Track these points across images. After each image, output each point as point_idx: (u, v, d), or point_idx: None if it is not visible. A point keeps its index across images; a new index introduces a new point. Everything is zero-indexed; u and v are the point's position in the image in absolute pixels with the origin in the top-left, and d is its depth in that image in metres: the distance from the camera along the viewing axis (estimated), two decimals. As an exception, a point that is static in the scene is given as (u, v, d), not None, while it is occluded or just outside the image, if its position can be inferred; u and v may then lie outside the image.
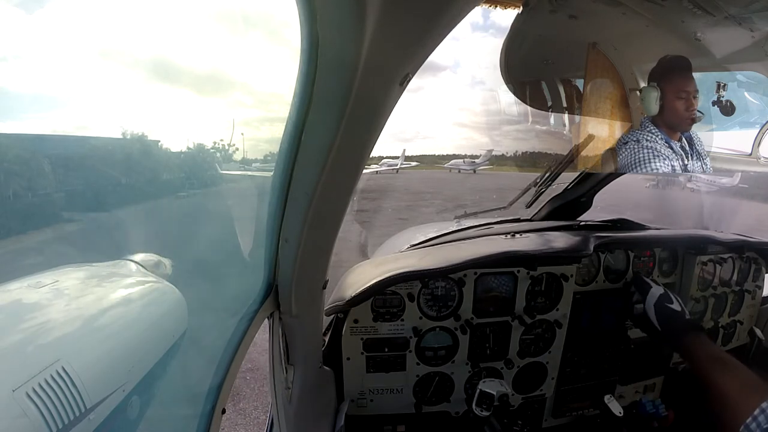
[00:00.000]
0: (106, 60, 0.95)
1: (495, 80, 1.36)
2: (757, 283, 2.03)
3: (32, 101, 0.91)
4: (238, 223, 1.43)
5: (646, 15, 1.18)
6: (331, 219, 0.93)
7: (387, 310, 1.53)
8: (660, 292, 1.52)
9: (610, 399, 1.51)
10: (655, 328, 1.47)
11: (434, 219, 10.06)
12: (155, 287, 1.66)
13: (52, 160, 1.01)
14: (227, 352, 1.04)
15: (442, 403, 1.63)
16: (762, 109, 1.54)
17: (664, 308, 1.48)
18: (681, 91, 1.27)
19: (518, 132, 1.97)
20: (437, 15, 0.55)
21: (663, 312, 1.47)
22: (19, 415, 0.99)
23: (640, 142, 1.31)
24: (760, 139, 1.67)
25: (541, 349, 1.66)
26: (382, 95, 0.67)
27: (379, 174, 33.27)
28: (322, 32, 0.59)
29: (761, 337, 1.94)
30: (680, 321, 1.45)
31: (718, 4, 1.08)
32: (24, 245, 1.14)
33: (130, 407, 1.34)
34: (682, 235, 1.93)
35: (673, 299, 1.50)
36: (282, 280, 1.08)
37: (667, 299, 1.50)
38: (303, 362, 1.29)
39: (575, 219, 2.11)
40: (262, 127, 1.32)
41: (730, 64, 1.36)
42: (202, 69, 1.11)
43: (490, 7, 1.11)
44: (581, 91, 1.32)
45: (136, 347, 1.47)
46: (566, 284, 1.60)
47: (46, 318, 1.24)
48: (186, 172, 1.45)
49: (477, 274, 1.54)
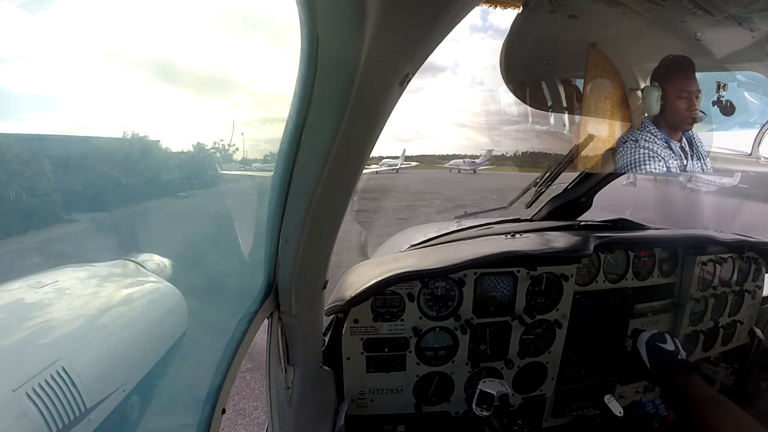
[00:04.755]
0: (108, 61, 0.95)
1: (495, 81, 1.36)
2: (757, 283, 2.03)
3: (34, 101, 0.91)
4: (238, 223, 1.43)
5: (646, 15, 1.18)
6: (331, 219, 0.93)
7: (387, 310, 1.53)
8: (654, 332, 1.54)
9: (610, 399, 1.51)
10: (645, 366, 1.47)
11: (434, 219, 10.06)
12: (155, 287, 1.66)
13: (52, 160, 1.01)
14: (227, 351, 1.04)
15: (442, 403, 1.63)
16: (762, 109, 1.55)
17: (655, 347, 1.48)
18: (683, 91, 1.27)
19: (518, 132, 1.97)
20: (437, 15, 0.55)
21: (654, 350, 1.47)
22: (19, 415, 0.99)
23: (638, 142, 1.31)
24: (760, 139, 1.67)
25: (541, 349, 1.65)
26: (382, 95, 0.67)
27: (379, 174, 33.26)
28: (322, 32, 0.59)
29: (761, 337, 1.94)
30: (672, 360, 1.44)
31: (718, 4, 1.08)
32: (24, 245, 1.15)
33: (130, 407, 1.34)
34: (682, 235, 1.93)
35: (667, 339, 1.50)
36: (282, 280, 1.08)
37: (660, 339, 1.50)
38: (303, 362, 1.29)
39: (575, 219, 2.11)
40: (262, 128, 1.32)
41: (730, 64, 1.36)
42: (203, 70, 1.11)
43: (490, 7, 1.11)
44: (581, 91, 1.32)
45: (136, 347, 1.47)
46: (566, 284, 1.60)
47: (46, 318, 1.24)
48: (186, 173, 1.45)
49: (477, 274, 1.54)
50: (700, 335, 1.89)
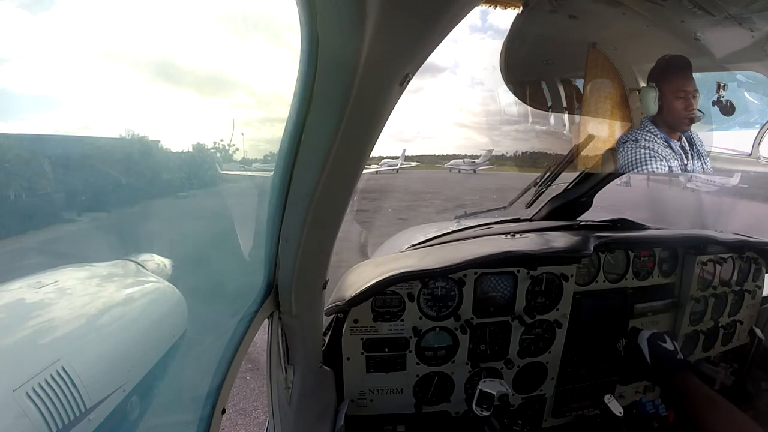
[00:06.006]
0: (108, 61, 0.95)
1: (495, 81, 1.36)
2: (757, 283, 2.03)
3: (34, 101, 0.91)
4: (238, 223, 1.43)
5: (646, 15, 1.19)
6: (331, 219, 0.93)
7: (387, 310, 1.53)
8: (653, 331, 1.58)
9: (610, 399, 1.51)
10: (646, 361, 1.50)
11: (434, 219, 10.06)
12: (155, 287, 1.66)
13: (52, 160, 1.01)
14: (227, 352, 1.04)
15: (442, 403, 1.63)
16: (762, 109, 1.55)
17: (656, 345, 1.51)
18: (679, 91, 1.27)
19: (518, 132, 1.97)
20: (437, 15, 0.55)
21: (655, 347, 1.50)
22: (19, 415, 0.99)
23: (638, 141, 1.31)
24: (760, 139, 1.67)
25: (541, 349, 1.65)
26: (382, 95, 0.67)
27: (379, 174, 33.24)
28: (322, 32, 0.59)
29: (761, 337, 1.94)
30: (672, 358, 1.47)
31: (718, 4, 1.08)
32: (24, 245, 1.15)
33: (130, 407, 1.34)
34: (682, 235, 1.93)
35: (667, 339, 1.54)
36: (282, 280, 1.08)
37: (660, 338, 1.54)
38: (303, 362, 1.29)
39: (575, 219, 2.11)
40: (262, 128, 1.32)
41: (730, 64, 1.36)
42: (203, 70, 1.11)
43: (490, 7, 1.11)
44: (581, 91, 1.32)
45: (136, 347, 1.47)
46: (566, 284, 1.60)
47: (46, 318, 1.24)
48: (186, 173, 1.45)
49: (477, 274, 1.54)
50: (700, 335, 1.89)
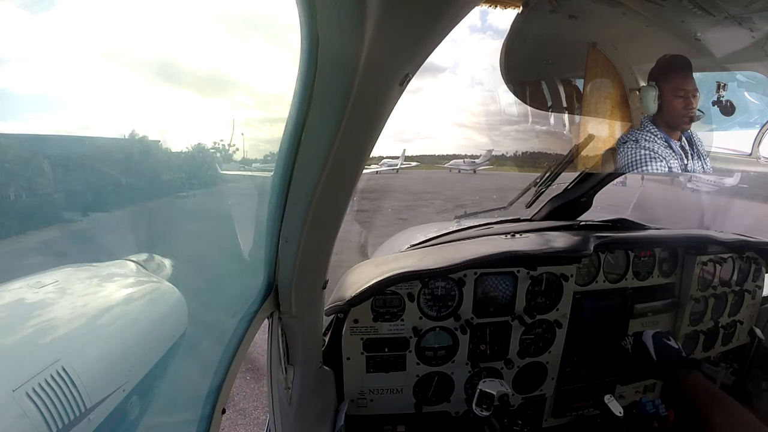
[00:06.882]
0: (108, 61, 0.95)
1: (495, 81, 1.36)
2: (757, 283, 2.03)
3: (34, 101, 0.91)
4: (238, 223, 1.43)
5: (646, 15, 1.19)
6: (331, 219, 0.93)
7: (387, 310, 1.53)
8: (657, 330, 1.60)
9: (610, 399, 1.51)
10: (651, 357, 1.51)
11: (434, 219, 10.06)
12: (155, 287, 1.66)
13: (52, 160, 1.01)
14: (227, 352, 1.04)
15: (442, 403, 1.63)
16: (762, 109, 1.55)
17: (661, 342, 1.53)
18: (679, 90, 1.27)
19: (518, 132, 1.98)
20: (437, 15, 0.55)
21: (661, 344, 1.52)
22: (19, 415, 0.99)
23: (638, 141, 1.31)
24: (760, 139, 1.67)
25: (541, 349, 1.66)
26: (382, 95, 0.67)
27: (379, 174, 33.23)
28: (322, 32, 0.59)
29: (761, 337, 1.94)
30: (677, 355, 1.49)
31: (718, 4, 1.08)
32: (24, 245, 1.14)
33: (130, 407, 1.34)
34: (682, 235, 1.93)
35: (671, 338, 1.56)
36: (282, 280, 1.08)
37: (665, 336, 1.56)
38: (303, 362, 1.29)
39: (575, 219, 2.11)
40: (262, 128, 1.32)
41: (730, 64, 1.36)
42: (203, 70, 1.11)
43: (490, 7, 1.11)
44: (581, 91, 1.32)
45: (136, 347, 1.46)
46: (566, 284, 1.60)
47: (46, 318, 1.24)
48: (186, 173, 1.45)
49: (477, 274, 1.54)
50: (700, 335, 1.89)
